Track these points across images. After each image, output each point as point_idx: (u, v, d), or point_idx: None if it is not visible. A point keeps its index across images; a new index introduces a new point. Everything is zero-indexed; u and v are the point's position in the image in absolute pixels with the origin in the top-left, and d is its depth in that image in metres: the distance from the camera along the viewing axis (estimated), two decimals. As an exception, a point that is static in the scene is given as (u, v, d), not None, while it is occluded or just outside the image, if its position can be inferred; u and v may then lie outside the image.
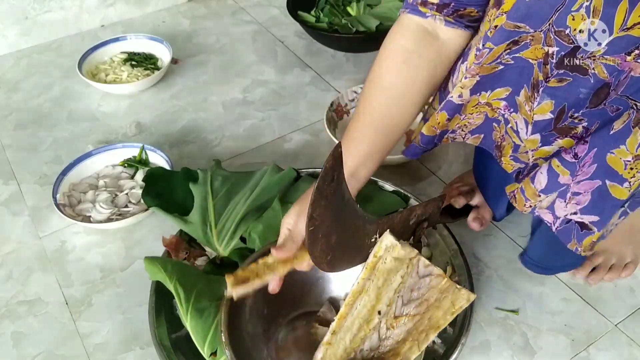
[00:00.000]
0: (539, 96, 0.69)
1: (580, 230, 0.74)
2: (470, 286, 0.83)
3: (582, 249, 0.76)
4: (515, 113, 0.74)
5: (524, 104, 0.72)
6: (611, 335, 0.86)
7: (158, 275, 0.80)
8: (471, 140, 0.84)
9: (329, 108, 1.15)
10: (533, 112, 0.71)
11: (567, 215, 0.74)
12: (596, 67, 0.63)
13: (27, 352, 0.84)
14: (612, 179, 0.68)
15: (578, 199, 0.71)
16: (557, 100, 0.68)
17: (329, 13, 1.45)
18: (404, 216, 0.76)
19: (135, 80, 1.32)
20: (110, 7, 1.55)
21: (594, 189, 0.70)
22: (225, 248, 0.88)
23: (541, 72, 0.67)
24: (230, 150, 1.17)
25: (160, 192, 0.96)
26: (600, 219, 0.72)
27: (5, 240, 1.00)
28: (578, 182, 0.71)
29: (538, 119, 0.71)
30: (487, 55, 0.69)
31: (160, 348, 0.76)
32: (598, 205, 0.71)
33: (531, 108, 0.71)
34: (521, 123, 0.74)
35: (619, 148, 0.66)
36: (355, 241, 0.70)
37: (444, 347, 0.78)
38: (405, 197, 0.96)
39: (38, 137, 1.21)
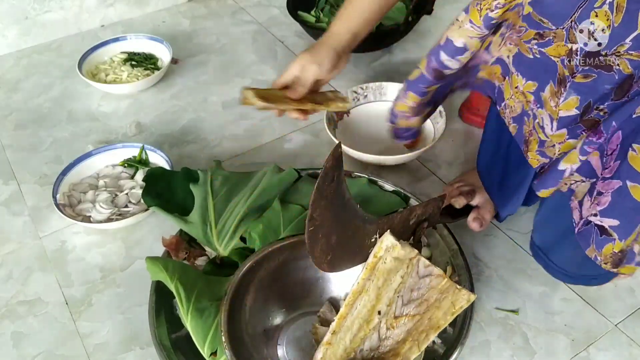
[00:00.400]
0: (565, 91, 0.69)
1: (599, 235, 0.71)
2: (470, 286, 0.83)
3: (601, 258, 0.72)
4: (541, 109, 0.74)
5: (550, 99, 0.72)
6: (611, 335, 0.86)
7: (159, 275, 0.80)
8: (511, 128, 0.83)
9: None
10: (558, 108, 0.71)
11: (588, 215, 0.72)
12: (621, 63, 0.63)
13: (27, 352, 0.84)
14: (633, 179, 0.66)
15: (600, 199, 0.70)
16: (582, 96, 0.68)
17: (329, 13, 1.45)
18: (404, 216, 0.76)
19: (135, 80, 1.32)
20: (110, 7, 1.55)
21: (614, 189, 0.68)
22: (225, 248, 0.88)
23: (566, 68, 0.67)
24: (230, 150, 1.17)
25: (160, 192, 0.96)
26: (621, 224, 0.69)
27: (5, 240, 1.00)
28: (603, 180, 0.69)
29: (563, 115, 0.71)
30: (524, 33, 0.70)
31: (160, 348, 0.76)
32: (617, 206, 0.68)
33: (557, 104, 0.71)
34: (546, 119, 0.74)
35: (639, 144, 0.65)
36: (355, 241, 0.70)
37: (444, 347, 0.78)
38: (405, 197, 0.96)
39: (38, 137, 1.21)
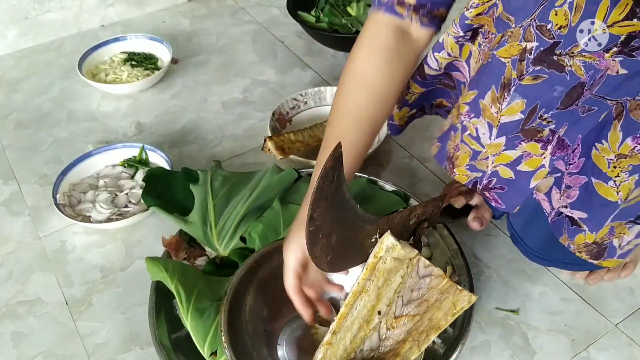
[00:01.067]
0: (509, 96, 0.68)
1: (570, 225, 0.74)
2: (470, 286, 0.83)
3: (574, 246, 0.75)
4: (477, 118, 0.72)
5: (490, 106, 0.70)
6: (611, 335, 0.86)
7: (159, 275, 0.80)
8: (434, 148, 0.83)
9: (271, 118, 1.15)
10: (500, 114, 0.70)
11: (559, 207, 0.75)
12: (573, 64, 0.63)
13: (27, 352, 0.84)
14: (597, 177, 0.69)
15: (569, 192, 0.72)
16: (529, 99, 0.67)
17: (329, 13, 1.45)
18: (404, 216, 0.76)
19: (135, 80, 1.32)
20: (110, 7, 1.55)
21: (581, 184, 0.71)
22: (225, 248, 0.88)
23: (515, 69, 0.66)
24: (230, 150, 1.17)
25: (160, 192, 0.96)
26: (589, 216, 0.72)
27: (5, 240, 1.00)
28: (570, 174, 0.72)
29: (505, 121, 0.70)
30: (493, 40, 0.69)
31: (160, 348, 0.76)
32: (585, 201, 0.71)
33: (498, 110, 0.70)
34: (483, 127, 0.72)
35: (602, 144, 0.67)
36: (355, 241, 0.70)
37: (444, 347, 0.78)
38: (405, 197, 0.96)
39: (38, 137, 1.21)
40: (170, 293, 0.80)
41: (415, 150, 1.16)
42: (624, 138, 0.65)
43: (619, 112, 0.65)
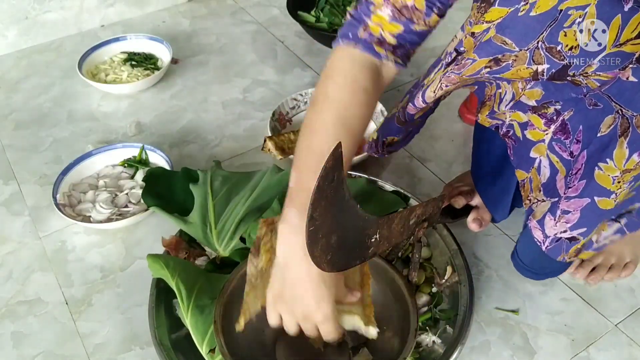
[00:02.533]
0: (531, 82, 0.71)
1: (569, 243, 0.74)
2: (470, 286, 0.83)
3: (567, 256, 0.76)
4: (508, 83, 0.75)
5: (519, 81, 0.73)
6: (611, 335, 0.86)
7: (160, 272, 0.80)
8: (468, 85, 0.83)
9: (271, 118, 1.16)
10: (524, 91, 0.73)
11: (556, 234, 0.74)
12: (589, 82, 0.63)
13: (27, 352, 0.84)
14: (600, 195, 0.68)
15: (567, 217, 0.72)
16: (547, 92, 0.70)
17: (329, 13, 1.45)
18: (404, 216, 0.76)
19: (135, 80, 1.32)
20: (110, 7, 1.55)
21: (583, 206, 0.70)
22: (225, 248, 0.88)
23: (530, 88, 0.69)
24: (230, 150, 1.17)
25: (160, 192, 0.96)
26: (587, 230, 0.72)
27: (5, 240, 1.00)
28: (568, 199, 0.71)
29: (524, 101, 0.73)
30: (469, 66, 0.67)
31: (160, 348, 0.76)
32: (587, 219, 0.71)
33: (524, 87, 0.73)
34: (509, 94, 0.75)
35: (606, 163, 0.66)
36: (356, 241, 0.70)
37: (444, 347, 0.78)
38: (405, 197, 0.96)
39: (38, 137, 1.21)
40: (170, 293, 0.80)
41: (415, 150, 1.16)
42: (631, 154, 0.64)
43: (624, 129, 0.64)
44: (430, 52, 1.38)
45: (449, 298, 0.86)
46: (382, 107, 1.16)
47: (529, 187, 0.79)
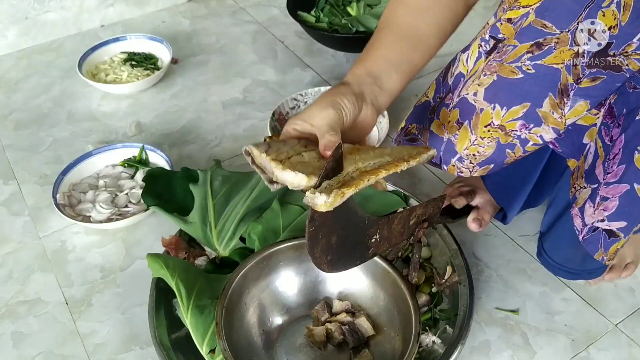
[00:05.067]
0: (569, 100, 0.66)
1: (607, 238, 0.72)
2: (470, 286, 0.83)
3: (607, 257, 0.74)
4: (538, 127, 0.70)
5: (551, 112, 0.68)
6: (611, 335, 0.86)
7: (160, 272, 0.80)
8: (479, 172, 0.79)
9: (271, 118, 1.15)
10: (565, 118, 0.68)
11: (594, 222, 0.72)
12: (630, 62, 0.62)
13: (27, 352, 0.84)
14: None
15: (605, 204, 0.70)
16: (592, 99, 0.66)
17: (329, 13, 1.45)
18: (404, 216, 0.76)
19: (135, 80, 1.32)
20: (110, 7, 1.55)
21: (622, 193, 0.68)
22: (225, 248, 0.88)
23: (570, 74, 0.65)
24: (230, 150, 1.17)
25: (160, 192, 0.96)
26: (628, 224, 0.70)
27: (5, 240, 1.00)
28: (607, 184, 0.70)
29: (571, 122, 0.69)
30: (510, 52, 0.66)
31: (160, 348, 0.76)
32: (626, 210, 0.69)
33: (562, 115, 0.68)
34: (549, 134, 0.71)
35: None
36: (356, 241, 0.70)
37: (444, 347, 0.78)
38: (405, 197, 0.96)
39: (38, 137, 1.21)
40: (170, 292, 0.80)
41: (415, 150, 1.15)
42: None
43: None
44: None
45: (448, 298, 0.86)
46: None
47: (577, 175, 0.76)
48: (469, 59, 0.75)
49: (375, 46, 0.74)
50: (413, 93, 1.28)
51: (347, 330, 0.80)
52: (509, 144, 0.73)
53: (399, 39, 0.73)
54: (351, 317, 0.81)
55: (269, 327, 0.81)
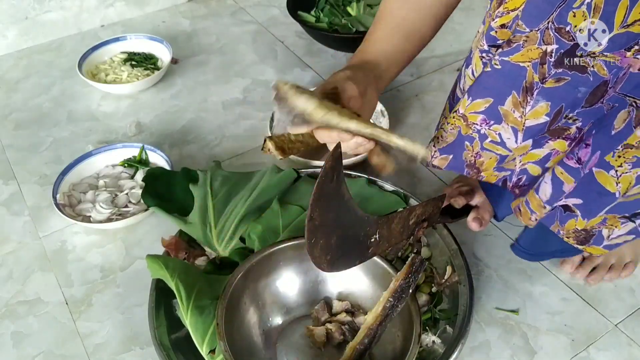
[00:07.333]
0: (532, 99, 0.67)
1: (563, 212, 0.74)
2: (470, 286, 0.83)
3: (563, 232, 0.75)
4: (498, 124, 0.72)
5: (512, 111, 0.70)
6: (611, 335, 0.86)
7: (159, 273, 0.80)
8: (438, 161, 0.81)
9: (271, 118, 1.15)
10: (525, 118, 0.69)
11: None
12: (595, 65, 0.62)
13: (27, 352, 0.84)
14: (599, 166, 0.68)
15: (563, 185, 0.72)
16: (553, 101, 0.67)
17: (329, 13, 1.45)
18: (404, 216, 0.76)
19: (135, 80, 1.32)
20: (110, 7, 1.55)
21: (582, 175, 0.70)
22: (225, 248, 0.88)
23: (537, 73, 0.66)
24: (230, 150, 1.17)
25: (160, 192, 0.96)
26: (584, 202, 0.71)
27: (5, 240, 1.00)
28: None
29: (531, 124, 0.70)
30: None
31: (160, 348, 0.76)
32: (582, 188, 0.70)
33: (522, 114, 0.69)
34: (507, 133, 0.72)
35: (619, 149, 0.66)
36: (355, 241, 0.70)
37: (444, 347, 0.78)
38: (405, 197, 0.96)
39: (38, 137, 1.21)
40: (170, 293, 0.80)
41: (415, 150, 1.15)
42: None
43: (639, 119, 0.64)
44: (430, 52, 1.38)
45: (448, 298, 0.86)
46: (382, 107, 1.16)
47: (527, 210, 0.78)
48: (475, 72, 0.76)
49: (372, 39, 0.81)
50: (413, 93, 1.28)
51: (347, 330, 0.80)
52: (468, 136, 0.76)
53: (394, 31, 0.79)
54: (351, 317, 0.81)
55: (269, 327, 0.81)
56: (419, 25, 0.80)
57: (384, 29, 0.80)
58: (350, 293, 0.84)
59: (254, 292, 0.80)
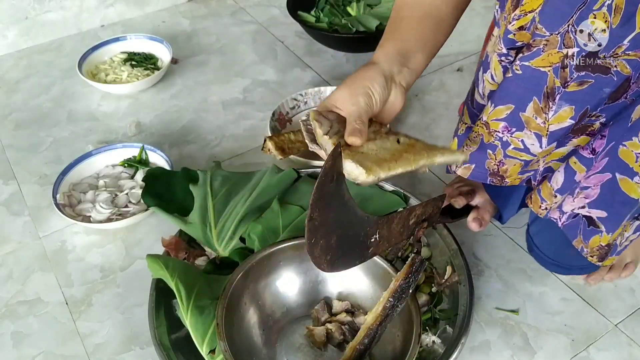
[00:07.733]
0: (554, 105, 0.66)
1: (587, 225, 0.72)
2: (470, 286, 0.83)
3: (587, 250, 0.74)
4: (520, 131, 0.71)
5: (534, 117, 0.69)
6: (611, 335, 0.86)
7: (160, 273, 0.80)
8: (461, 170, 0.80)
9: (271, 118, 1.15)
10: (549, 123, 0.68)
11: (574, 209, 0.72)
12: (618, 64, 0.62)
13: (27, 352, 0.84)
14: (623, 172, 0.67)
15: (587, 192, 0.70)
16: (578, 104, 0.66)
17: (329, 13, 1.45)
18: (404, 216, 0.76)
19: (135, 80, 1.32)
20: (110, 7, 1.55)
21: (603, 182, 0.69)
22: (224, 248, 0.88)
23: (558, 77, 0.64)
24: (230, 150, 1.17)
25: (160, 192, 0.96)
26: (609, 215, 0.70)
27: (5, 240, 1.00)
28: (588, 177, 0.70)
29: (555, 129, 0.69)
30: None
31: (160, 348, 0.76)
32: (607, 198, 0.69)
33: (545, 120, 0.68)
34: (530, 139, 0.71)
35: (631, 140, 0.65)
36: (355, 241, 0.70)
37: (444, 347, 0.78)
38: (405, 197, 0.96)
39: (38, 137, 1.21)
40: (170, 293, 0.80)
41: (415, 150, 1.15)
42: None
43: None
44: (430, 52, 1.38)
45: (448, 298, 0.86)
46: None
47: (538, 198, 0.77)
48: (495, 76, 0.75)
49: (402, 25, 0.75)
50: (413, 93, 1.28)
51: (347, 330, 0.80)
52: (490, 144, 0.75)
53: (423, 18, 0.75)
54: (351, 317, 0.81)
55: (269, 327, 0.81)
56: (445, 14, 0.76)
57: (412, 16, 0.75)
58: (350, 293, 0.84)
59: (254, 292, 0.80)
